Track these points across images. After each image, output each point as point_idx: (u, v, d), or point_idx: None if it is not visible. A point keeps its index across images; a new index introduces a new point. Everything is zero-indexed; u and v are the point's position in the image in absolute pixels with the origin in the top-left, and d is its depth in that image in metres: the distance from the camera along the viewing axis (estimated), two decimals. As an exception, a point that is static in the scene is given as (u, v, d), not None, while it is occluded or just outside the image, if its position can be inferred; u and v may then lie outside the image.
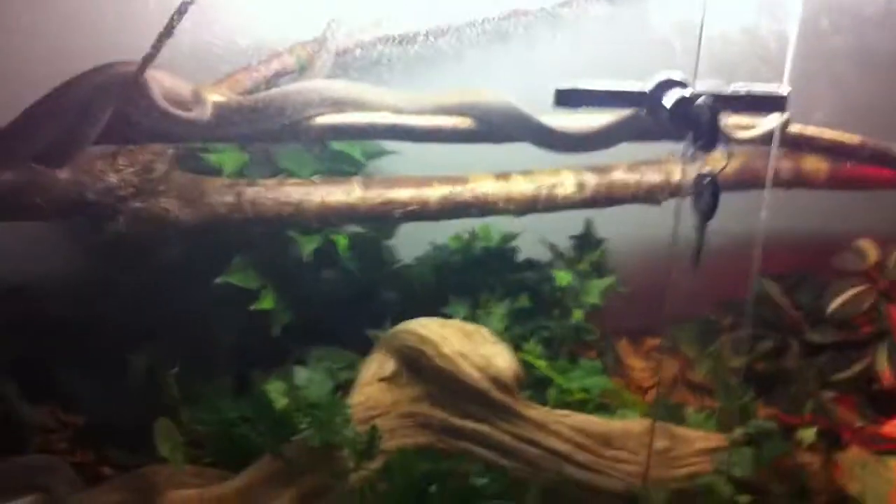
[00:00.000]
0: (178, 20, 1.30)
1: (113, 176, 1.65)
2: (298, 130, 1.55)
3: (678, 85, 1.31)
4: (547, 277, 2.03)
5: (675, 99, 1.29)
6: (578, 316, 2.01)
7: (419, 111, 1.60)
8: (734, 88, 1.34)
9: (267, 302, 1.88)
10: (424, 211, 1.83)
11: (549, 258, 2.10)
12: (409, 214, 1.83)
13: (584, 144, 1.65)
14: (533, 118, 1.58)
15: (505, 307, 1.98)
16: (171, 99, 1.45)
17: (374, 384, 1.79)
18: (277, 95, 1.54)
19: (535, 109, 1.57)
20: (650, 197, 1.94)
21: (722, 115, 1.34)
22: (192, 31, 1.31)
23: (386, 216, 1.83)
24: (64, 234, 1.96)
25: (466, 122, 1.60)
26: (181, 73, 1.48)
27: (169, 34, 1.31)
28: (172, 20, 1.30)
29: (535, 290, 2.03)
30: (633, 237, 2.09)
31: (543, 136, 1.60)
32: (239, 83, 1.74)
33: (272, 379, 1.84)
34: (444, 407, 1.78)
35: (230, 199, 1.76)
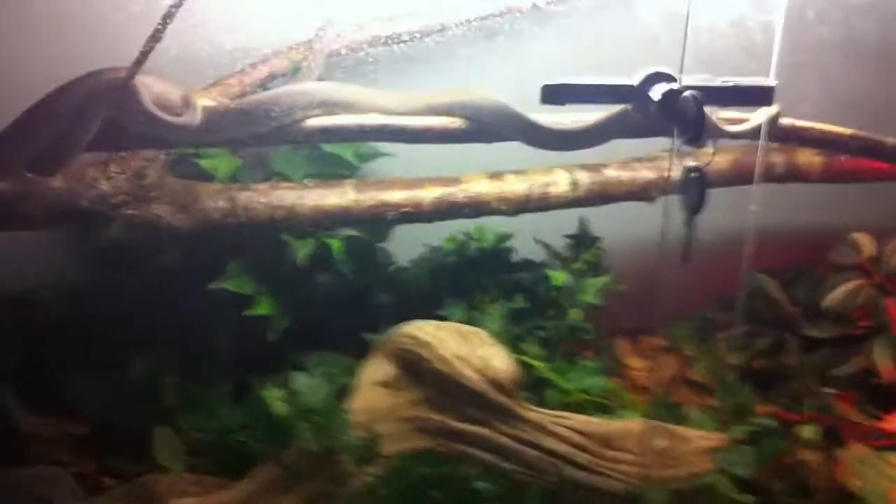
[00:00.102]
0: (165, 25, 1.30)
1: (105, 183, 1.65)
2: (289, 133, 1.55)
3: (665, 78, 1.31)
4: (542, 277, 2.02)
5: (662, 92, 1.28)
6: (575, 315, 2.00)
7: (409, 112, 1.60)
8: (721, 81, 1.33)
9: (262, 307, 1.87)
10: (418, 212, 1.83)
11: (544, 258, 2.09)
12: (402, 216, 1.83)
13: (575, 142, 1.64)
14: (524, 116, 1.57)
15: (501, 308, 1.97)
16: (160, 104, 1.46)
17: (371, 389, 1.78)
18: (267, 99, 1.55)
19: (525, 107, 1.56)
20: (644, 194, 1.94)
21: (710, 108, 1.34)
22: (178, 35, 1.31)
23: (380, 218, 1.84)
24: (58, 242, 1.96)
25: (457, 121, 1.59)
26: (169, 77, 1.48)
27: (157, 39, 1.31)
28: (160, 25, 1.30)
29: (530, 290, 2.02)
30: (627, 235, 2.08)
31: (535, 134, 1.60)
32: (230, 88, 1.74)
33: (270, 385, 1.83)
34: (442, 410, 1.77)
35: (223, 204, 1.76)
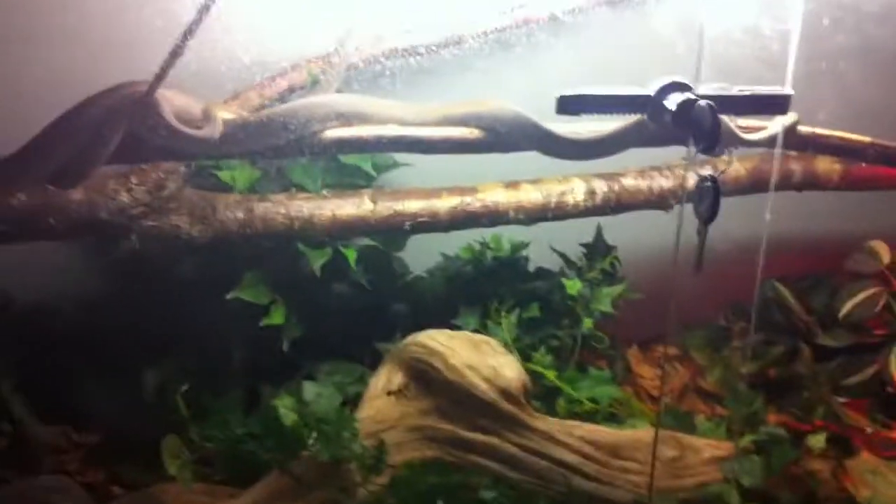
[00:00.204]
0: (186, 40, 1.31)
1: (125, 195, 1.67)
2: (307, 145, 1.55)
3: (681, 88, 1.31)
4: (558, 286, 2.02)
5: (677, 102, 1.28)
6: (589, 324, 2.00)
7: (426, 122, 1.60)
8: (737, 90, 1.33)
9: (277, 317, 1.89)
10: (435, 222, 1.84)
11: (559, 266, 2.08)
12: (419, 226, 1.84)
13: (591, 151, 1.64)
14: (540, 126, 1.58)
15: (515, 317, 1.98)
16: (182, 117, 1.46)
17: (382, 397, 1.79)
18: (285, 111, 1.55)
19: (541, 118, 1.57)
20: (661, 203, 1.94)
21: (727, 117, 1.34)
22: (199, 50, 1.32)
23: (396, 228, 1.84)
24: (76, 252, 1.97)
25: (474, 132, 1.60)
26: (190, 91, 1.50)
27: (178, 54, 1.32)
28: (181, 40, 1.31)
29: (545, 299, 2.03)
30: (642, 243, 2.08)
31: (551, 143, 1.60)
32: (249, 101, 1.75)
33: (281, 394, 1.84)
34: (452, 419, 1.78)
35: (241, 214, 1.77)
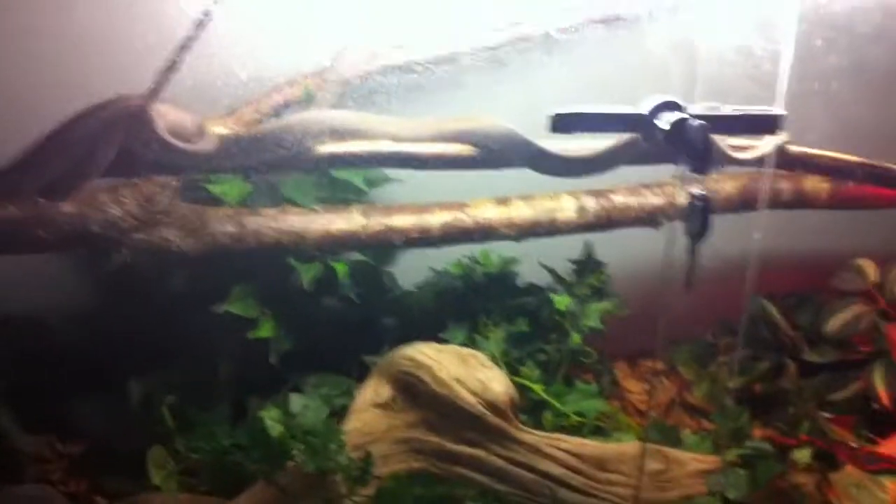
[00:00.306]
0: (182, 55, 1.31)
1: (116, 208, 1.66)
2: (301, 160, 1.56)
3: (674, 107, 1.32)
4: (546, 301, 2.03)
5: (670, 121, 1.29)
6: (577, 339, 2.01)
7: (419, 138, 1.61)
8: (730, 109, 1.35)
9: (265, 330, 1.89)
10: (426, 237, 1.84)
11: (548, 282, 2.10)
12: (410, 241, 1.84)
13: (583, 168, 1.65)
14: (532, 143, 1.59)
15: (503, 331, 1.99)
16: (175, 132, 1.47)
17: (369, 410, 1.80)
18: (279, 127, 1.56)
19: (533, 135, 1.58)
20: (651, 220, 1.95)
21: (718, 136, 1.35)
22: (195, 66, 1.33)
23: (388, 243, 1.85)
24: (66, 264, 1.96)
25: (466, 148, 1.61)
26: (186, 106, 1.50)
27: (174, 69, 1.33)
28: (177, 56, 1.31)
29: (534, 314, 2.04)
30: (631, 260, 2.09)
31: (543, 160, 1.61)
32: (245, 116, 1.76)
33: (268, 406, 1.84)
34: (438, 432, 1.79)
35: (232, 228, 1.77)
